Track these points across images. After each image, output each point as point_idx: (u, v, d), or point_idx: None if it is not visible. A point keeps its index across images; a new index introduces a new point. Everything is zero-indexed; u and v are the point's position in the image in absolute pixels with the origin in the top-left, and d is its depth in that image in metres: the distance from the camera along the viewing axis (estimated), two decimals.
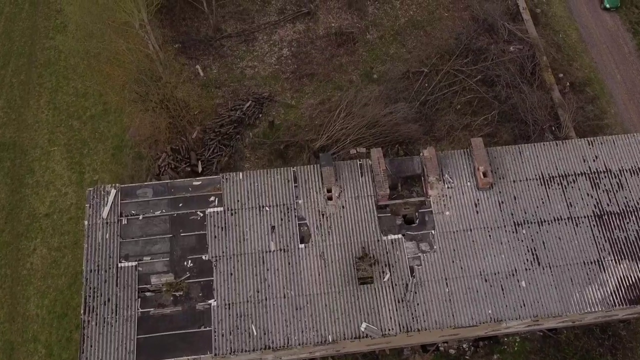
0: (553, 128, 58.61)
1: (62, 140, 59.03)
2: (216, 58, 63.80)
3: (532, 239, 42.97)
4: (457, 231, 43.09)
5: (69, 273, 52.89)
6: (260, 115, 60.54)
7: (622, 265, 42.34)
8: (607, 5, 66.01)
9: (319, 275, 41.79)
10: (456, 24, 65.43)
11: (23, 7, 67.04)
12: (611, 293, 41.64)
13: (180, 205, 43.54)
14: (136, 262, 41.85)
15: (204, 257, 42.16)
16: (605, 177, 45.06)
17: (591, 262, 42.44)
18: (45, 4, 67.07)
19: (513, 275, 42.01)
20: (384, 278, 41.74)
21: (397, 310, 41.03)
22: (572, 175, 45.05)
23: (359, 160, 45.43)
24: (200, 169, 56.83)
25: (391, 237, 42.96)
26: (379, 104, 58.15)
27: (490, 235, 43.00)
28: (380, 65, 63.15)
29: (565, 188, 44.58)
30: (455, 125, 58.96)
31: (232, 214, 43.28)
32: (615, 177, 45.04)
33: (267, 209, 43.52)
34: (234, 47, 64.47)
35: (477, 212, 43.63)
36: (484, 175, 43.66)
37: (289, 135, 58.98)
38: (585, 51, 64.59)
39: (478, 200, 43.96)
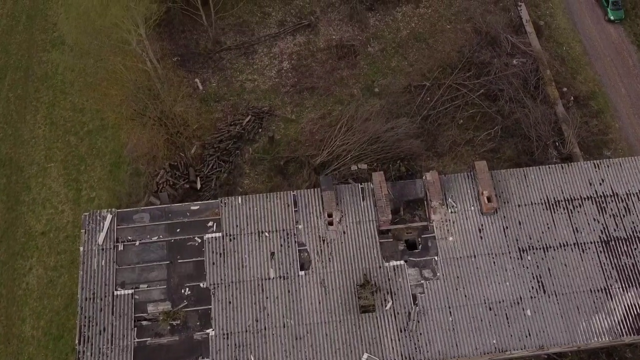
0: (557, 144, 57.67)
1: (59, 156, 58.07)
2: (215, 71, 62.79)
3: (538, 266, 42.07)
4: (460, 257, 42.21)
5: (65, 293, 52.00)
6: (260, 130, 59.54)
7: (629, 293, 41.46)
8: (612, 18, 64.96)
9: (320, 303, 40.94)
10: (458, 36, 64.35)
11: (20, 20, 65.97)
12: (618, 322, 40.77)
13: (178, 230, 42.69)
14: (132, 290, 41.03)
15: (201, 285, 41.30)
16: (612, 201, 44.12)
17: (598, 290, 41.55)
18: (42, 16, 65.93)
19: (518, 303, 41.12)
20: (386, 306, 40.87)
21: (399, 340, 40.17)
22: (578, 199, 44.09)
23: (361, 184, 44.50)
24: (199, 186, 55.89)
25: (393, 263, 42.10)
26: (381, 118, 57.19)
27: (494, 262, 42.10)
28: (381, 79, 62.15)
29: (571, 213, 43.64)
30: (458, 141, 57.97)
31: (230, 240, 42.41)
32: (622, 202, 44.09)
33: (266, 234, 42.65)
34: (234, 60, 63.44)
35: (481, 238, 42.72)
36: (488, 200, 42.72)
37: (289, 150, 58.04)
38: (589, 64, 63.57)
39: (482, 225, 43.05)
